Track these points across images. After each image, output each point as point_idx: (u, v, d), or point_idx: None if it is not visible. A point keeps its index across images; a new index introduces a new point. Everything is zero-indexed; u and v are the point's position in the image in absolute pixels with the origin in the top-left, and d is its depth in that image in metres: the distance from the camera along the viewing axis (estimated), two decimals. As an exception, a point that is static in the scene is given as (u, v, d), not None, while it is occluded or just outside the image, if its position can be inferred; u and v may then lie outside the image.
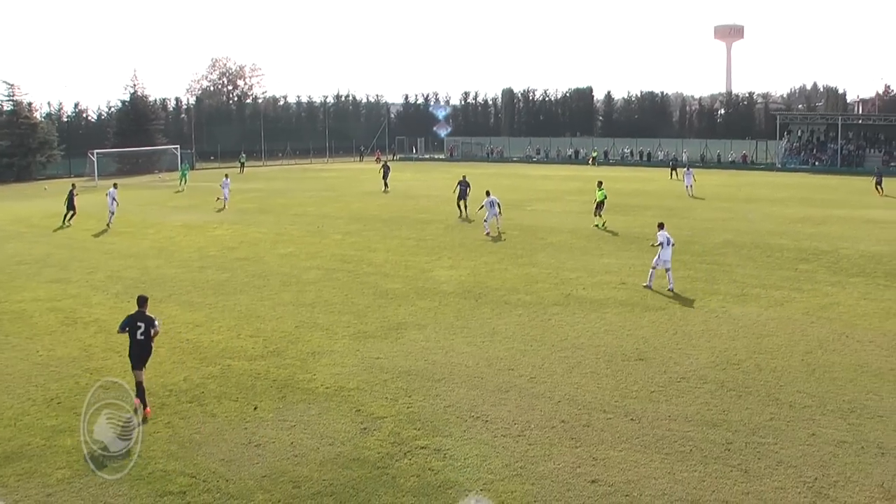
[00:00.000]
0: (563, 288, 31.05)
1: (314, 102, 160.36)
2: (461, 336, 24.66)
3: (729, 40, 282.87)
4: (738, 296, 29.42)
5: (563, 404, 18.96)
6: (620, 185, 74.62)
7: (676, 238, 42.02)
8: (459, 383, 20.42)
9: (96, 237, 46.63)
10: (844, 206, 59.16)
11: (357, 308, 28.26)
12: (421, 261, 36.99)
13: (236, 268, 35.88)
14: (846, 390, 19.66)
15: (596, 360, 22.21)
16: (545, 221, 48.36)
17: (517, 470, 15.49)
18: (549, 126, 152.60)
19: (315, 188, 76.71)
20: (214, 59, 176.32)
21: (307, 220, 52.43)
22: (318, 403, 19.14)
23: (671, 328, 25.33)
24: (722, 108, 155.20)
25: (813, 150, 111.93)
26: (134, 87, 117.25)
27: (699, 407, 18.70)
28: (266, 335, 24.97)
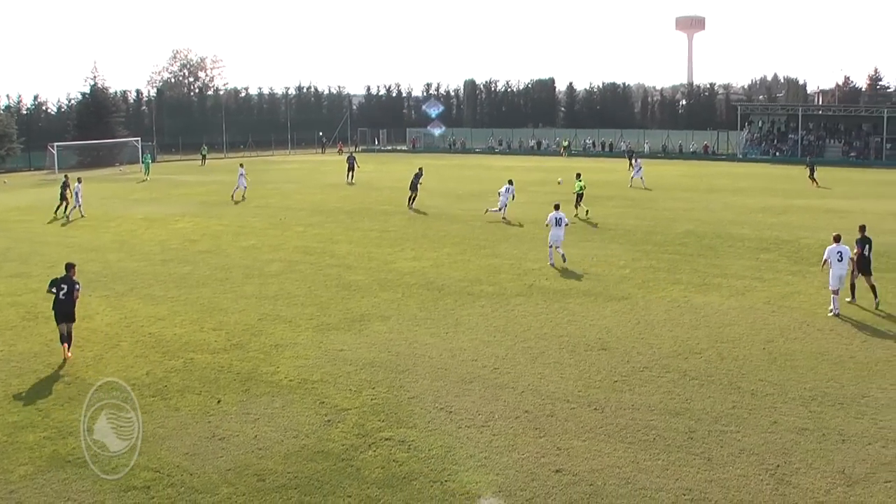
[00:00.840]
0: (526, 279, 31.12)
1: (276, 94, 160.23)
2: (424, 327, 24.66)
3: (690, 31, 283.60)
4: (699, 285, 29.60)
5: (526, 394, 19.01)
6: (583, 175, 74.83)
7: (639, 228, 42.27)
8: (423, 374, 20.43)
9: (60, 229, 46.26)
10: (805, 196, 59.67)
11: (320, 300, 28.21)
12: (384, 252, 36.95)
13: (198, 261, 35.70)
14: (807, 378, 19.84)
15: (559, 350, 22.28)
16: (508, 212, 48.39)
17: (481, 460, 15.52)
18: (511, 117, 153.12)
19: (277, 180, 76.41)
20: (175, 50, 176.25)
21: (269, 212, 52.25)
22: (281, 396, 19.09)
23: (634, 318, 25.45)
24: (683, 99, 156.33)
25: (774, 140, 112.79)
26: (94, 80, 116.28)
27: (662, 396, 18.81)
28: (229, 328, 24.87)
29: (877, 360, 21.24)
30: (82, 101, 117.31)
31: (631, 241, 38.95)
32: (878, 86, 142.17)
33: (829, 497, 14.04)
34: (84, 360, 21.80)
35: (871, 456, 15.55)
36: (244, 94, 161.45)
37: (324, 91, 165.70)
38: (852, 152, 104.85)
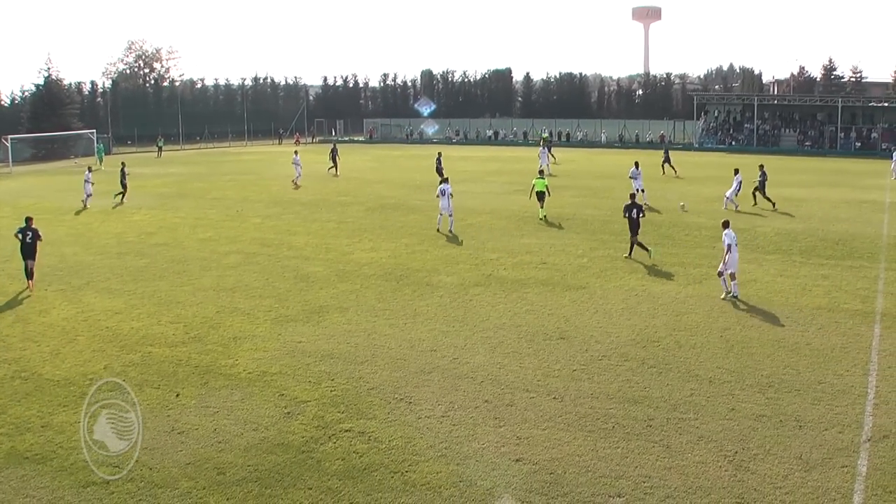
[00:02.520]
0: (484, 269, 31.18)
1: (232, 85, 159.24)
2: (383, 318, 24.65)
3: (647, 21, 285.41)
4: (657, 274, 29.80)
5: (486, 384, 19.06)
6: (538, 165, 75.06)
7: (596, 218, 42.43)
8: (382, 365, 20.43)
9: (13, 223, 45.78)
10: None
11: (278, 292, 28.13)
12: (342, 243, 36.87)
13: (155, 253, 35.45)
14: (764, 365, 20.03)
15: (518, 339, 22.36)
16: (465, 202, 48.38)
17: (442, 451, 15.55)
18: (468, 107, 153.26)
19: (234, 172, 76.00)
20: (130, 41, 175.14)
21: (226, 204, 51.97)
22: (240, 389, 19.03)
23: (592, 307, 25.58)
24: (640, 89, 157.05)
25: (729, 129, 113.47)
26: (48, 71, 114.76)
27: (621, 384, 18.92)
28: (187, 321, 24.74)
29: (832, 346, 21.48)
30: (36, 92, 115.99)
31: (588, 231, 39.15)
32: (833, 76, 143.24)
33: (787, 482, 14.20)
34: (41, 355, 21.62)
35: (827, 441, 15.74)
36: (200, 86, 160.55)
37: (280, 82, 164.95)
38: (807, 142, 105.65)
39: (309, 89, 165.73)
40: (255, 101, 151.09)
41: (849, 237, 36.57)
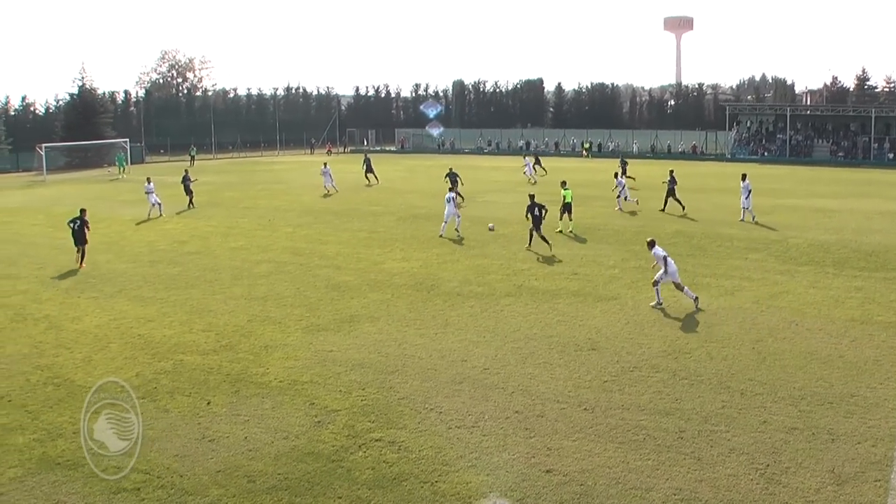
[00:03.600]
0: (515, 279, 31.13)
1: (264, 95, 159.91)
2: (414, 328, 24.66)
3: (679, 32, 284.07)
4: (689, 285, 29.52)
5: (516, 395, 19.02)
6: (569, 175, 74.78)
7: (628, 228, 42.28)
8: (413, 375, 20.44)
9: (48, 230, 46.17)
10: (793, 195, 59.77)
11: (309, 301, 28.19)
12: (373, 253, 36.92)
13: (187, 262, 35.65)
14: (796, 377, 19.89)
15: (549, 350, 22.30)
16: (497, 213, 48.37)
17: (472, 461, 15.53)
18: (500, 117, 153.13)
19: (266, 181, 76.31)
20: (164, 51, 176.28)
21: (258, 213, 52.18)
22: (271, 397, 19.08)
23: (623, 318, 25.48)
24: (672, 100, 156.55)
25: (762, 140, 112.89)
26: (82, 80, 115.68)
27: (652, 396, 18.84)
28: (218, 329, 24.84)
29: (865, 359, 21.29)
30: (70, 101, 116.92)
31: (620, 242, 38.99)
32: (866, 86, 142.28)
33: (819, 496, 14.09)
34: (74, 362, 21.77)
35: (860, 455, 15.61)
36: (233, 95, 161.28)
37: (312, 92, 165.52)
38: (840, 152, 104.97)
39: (341, 99, 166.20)
40: (287, 111, 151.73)
41: (882, 249, 36.28)
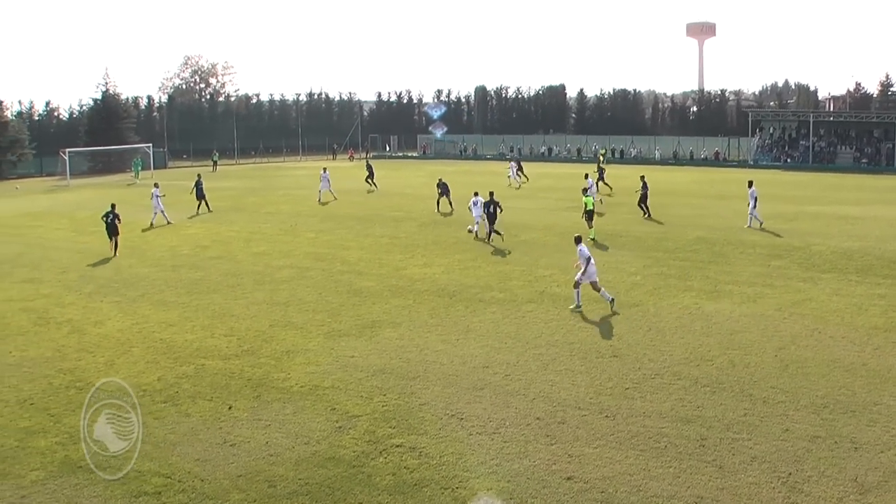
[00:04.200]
0: (537, 285, 31.09)
1: (287, 100, 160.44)
2: (435, 334, 24.66)
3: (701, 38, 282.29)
4: (711, 292, 29.53)
5: (537, 401, 19.00)
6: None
7: (650, 235, 42.16)
8: (434, 381, 20.44)
9: (71, 235, 46.43)
10: (816, 202, 59.41)
11: (331, 306, 28.23)
12: (395, 259, 36.95)
13: (209, 267, 35.76)
14: (819, 386, 19.78)
15: (570, 356, 22.26)
16: (518, 219, 48.36)
17: (492, 467, 15.51)
18: (522, 123, 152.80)
19: (288, 186, 76.43)
20: (187, 56, 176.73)
21: (280, 218, 52.30)
22: (292, 402, 19.11)
23: (645, 325, 25.40)
24: (694, 106, 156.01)
25: (785, 147, 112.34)
26: (106, 86, 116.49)
27: (673, 403, 18.77)
28: (240, 334, 24.91)
29: (889, 367, 21.16)
30: (94, 106, 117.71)
31: (642, 248, 38.86)
32: (890, 92, 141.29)
33: (842, 505, 14.01)
34: (96, 366, 21.88)
35: (883, 464, 15.51)
36: (255, 101, 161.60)
37: (335, 97, 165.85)
38: (863, 158, 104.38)
39: (363, 105, 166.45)
40: (309, 117, 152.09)
41: (908, 256, 36.06)
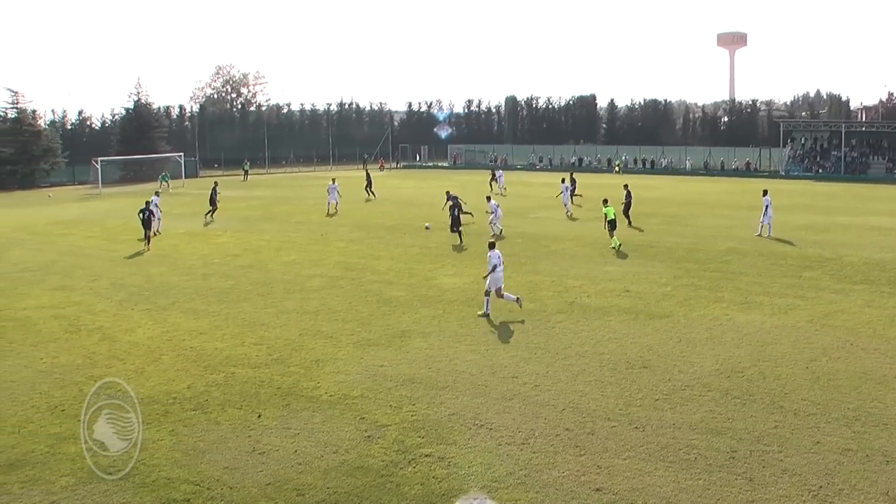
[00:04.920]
0: (567, 296, 31.03)
1: (317, 110, 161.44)
2: (465, 344, 24.64)
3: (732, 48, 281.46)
4: (741, 303, 29.38)
5: (567, 412, 18.95)
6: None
7: (681, 245, 41.97)
8: (463, 391, 20.42)
9: (103, 243, 46.72)
10: (848, 213, 59.11)
11: (361, 316, 28.27)
12: (424, 268, 36.99)
13: (240, 275, 35.91)
14: (850, 398, 19.63)
15: (600, 367, 22.19)
16: (548, 229, 48.34)
17: (521, 478, 15.48)
18: (552, 134, 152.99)
19: (318, 196, 76.35)
20: (218, 66, 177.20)
21: (310, 227, 52.47)
22: (322, 411, 19.14)
23: (675, 336, 25.30)
24: (725, 116, 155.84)
25: (816, 157, 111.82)
26: (138, 95, 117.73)
27: (703, 415, 18.68)
28: (270, 343, 24.97)
29: (922, 380, 21.00)
30: (126, 116, 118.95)
31: (672, 259, 38.72)
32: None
33: (874, 519, 13.91)
34: (126, 373, 21.97)
35: (916, 478, 15.38)
36: (286, 111, 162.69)
37: (365, 107, 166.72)
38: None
39: (394, 115, 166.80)
40: (340, 126, 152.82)
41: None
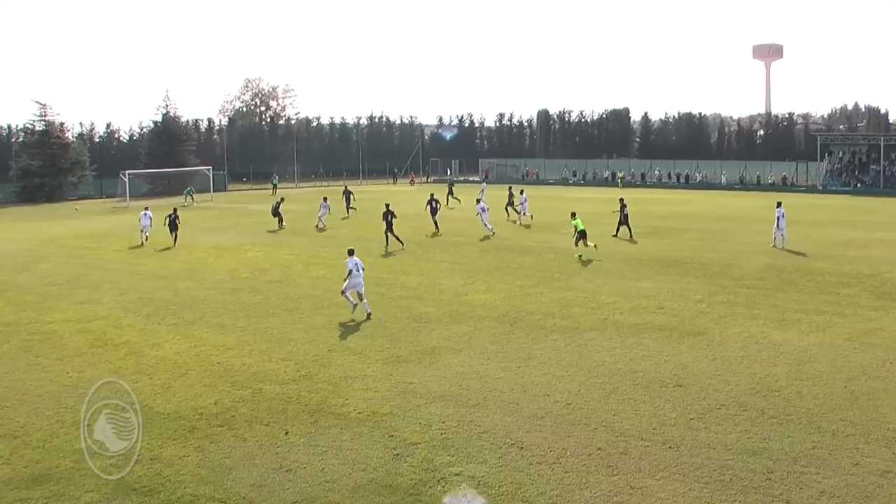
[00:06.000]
0: (600, 312, 30.91)
1: (347, 124, 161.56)
2: (496, 361, 24.57)
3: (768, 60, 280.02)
4: (778, 321, 29.18)
5: (599, 431, 18.85)
6: (657, 207, 74.35)
7: (716, 261, 41.72)
8: (494, 409, 20.35)
9: (130, 257, 46.99)
10: (887, 228, 58.59)
11: (390, 332, 28.26)
12: (455, 284, 36.96)
13: (268, 290, 36.00)
14: (890, 418, 19.42)
15: (633, 386, 22.07)
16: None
17: (553, 498, 15.39)
18: (585, 148, 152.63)
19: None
20: (247, 79, 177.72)
21: (340, 242, 52.43)
22: (350, 428, 19.12)
23: (710, 354, 25.14)
24: (761, 129, 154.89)
25: (855, 171, 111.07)
26: (166, 108, 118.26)
27: (739, 435, 18.53)
28: (298, 359, 25.00)
29: (964, 400, 20.77)
30: (154, 129, 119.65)
31: (707, 275, 38.52)
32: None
33: (915, 543, 13.74)
34: (153, 388, 22.05)
35: (958, 501, 15.19)
36: (316, 124, 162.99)
37: (395, 121, 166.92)
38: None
39: (424, 128, 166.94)
40: (370, 140, 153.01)
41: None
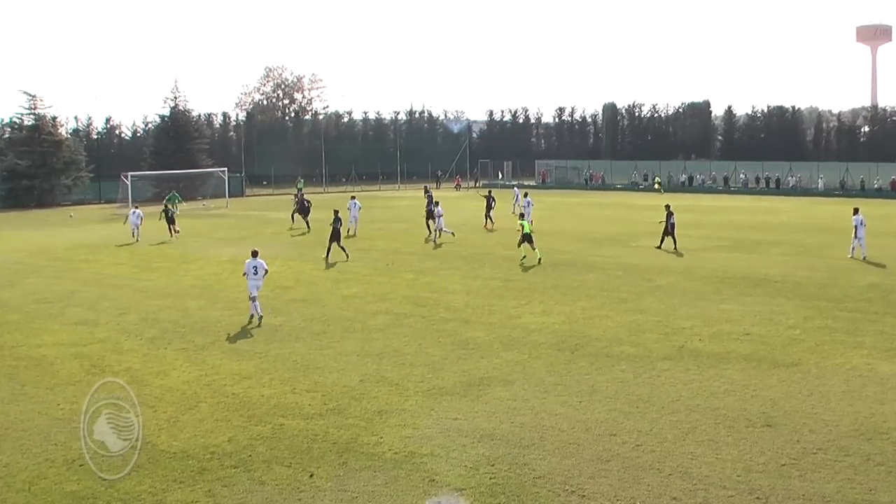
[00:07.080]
0: (675, 339, 30.76)
1: (383, 119, 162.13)
2: (554, 394, 24.49)
3: (874, 43, 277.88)
4: (886, 350, 28.92)
5: (674, 478, 18.73)
6: (742, 216, 73.96)
7: (812, 280, 41.40)
8: (551, 450, 20.28)
9: (132, 271, 47.29)
10: None
11: (432, 360, 28.25)
12: (507, 305, 36.92)
13: (291, 311, 36.12)
14: None
15: (714, 425, 21.93)
16: (653, 260, 48.06)
17: (620, 556, 15.33)
18: (658, 147, 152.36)
19: (384, 219, 77.04)
20: (268, 68, 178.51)
21: (374, 256, 52.65)
22: (384, 471, 19.10)
23: (805, 389, 24.93)
24: (866, 125, 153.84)
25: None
26: (175, 101, 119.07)
27: (840, 484, 18.35)
28: (325, 390, 25.03)
29: None
30: (161, 124, 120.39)
31: (802, 296, 38.25)
32: None
33: None
34: (157, 423, 22.14)
35: None
36: (347, 119, 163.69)
37: (439, 116, 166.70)
38: None
39: (472, 125, 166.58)
40: (409, 139, 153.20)
41: None
